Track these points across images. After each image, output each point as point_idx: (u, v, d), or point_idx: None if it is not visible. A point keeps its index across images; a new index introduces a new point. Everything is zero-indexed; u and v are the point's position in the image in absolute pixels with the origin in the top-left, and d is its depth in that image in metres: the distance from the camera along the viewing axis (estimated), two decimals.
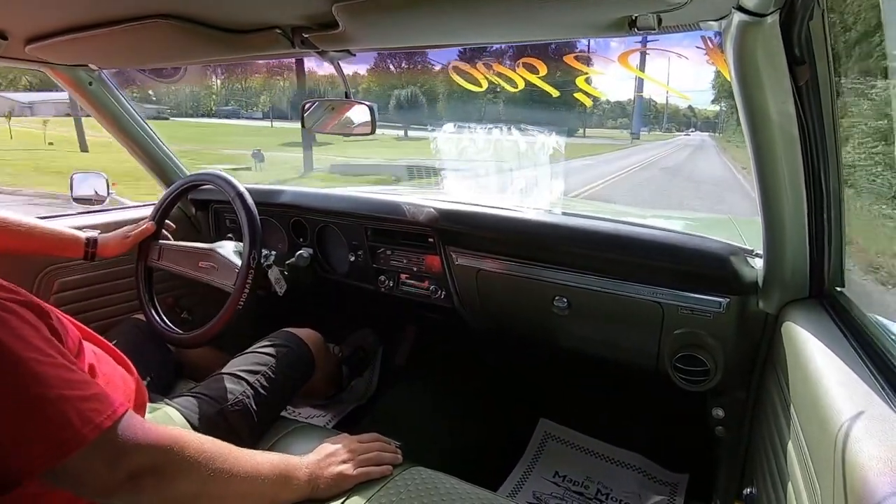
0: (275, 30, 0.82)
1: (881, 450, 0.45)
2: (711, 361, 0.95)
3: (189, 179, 1.28)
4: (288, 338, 1.17)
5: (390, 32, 0.83)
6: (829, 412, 0.53)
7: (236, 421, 0.94)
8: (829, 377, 0.58)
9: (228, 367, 1.06)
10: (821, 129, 0.67)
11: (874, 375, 0.57)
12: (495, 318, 1.31)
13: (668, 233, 1.02)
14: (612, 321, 1.09)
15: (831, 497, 0.48)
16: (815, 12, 0.57)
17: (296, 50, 0.88)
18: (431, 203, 1.26)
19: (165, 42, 0.92)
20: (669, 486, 1.39)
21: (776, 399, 0.77)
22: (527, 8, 0.66)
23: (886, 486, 0.41)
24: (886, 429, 0.47)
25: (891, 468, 0.42)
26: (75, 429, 0.54)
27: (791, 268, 0.78)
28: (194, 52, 1.02)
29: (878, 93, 0.89)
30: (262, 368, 1.05)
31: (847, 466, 0.45)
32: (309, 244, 1.49)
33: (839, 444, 0.48)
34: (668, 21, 0.64)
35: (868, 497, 0.41)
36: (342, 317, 1.92)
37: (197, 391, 0.97)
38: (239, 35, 0.86)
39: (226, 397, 0.96)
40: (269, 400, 1.02)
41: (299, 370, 1.15)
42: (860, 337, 0.66)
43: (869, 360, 0.60)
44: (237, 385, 1.00)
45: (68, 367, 0.58)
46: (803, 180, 0.70)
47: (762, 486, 0.77)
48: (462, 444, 1.45)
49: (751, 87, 0.63)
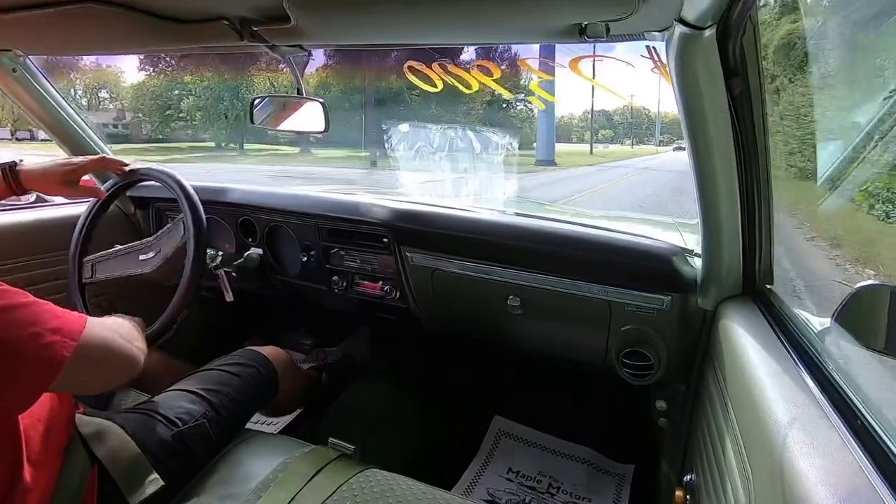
0: (222, 21, 0.79)
1: (803, 434, 0.48)
2: (655, 356, 1.00)
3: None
4: (254, 357, 1.09)
5: (343, 29, 0.82)
6: (759, 402, 0.57)
7: (195, 445, 0.86)
8: (758, 368, 0.63)
9: (187, 383, 0.97)
10: (752, 138, 0.72)
11: (797, 365, 0.62)
12: (450, 318, 1.32)
13: (617, 234, 1.06)
14: (563, 319, 1.13)
15: (762, 480, 0.52)
16: (747, 28, 0.61)
17: (245, 43, 0.85)
18: (386, 203, 1.25)
19: (100, 29, 0.86)
20: (617, 476, 1.45)
21: (713, 390, 0.82)
22: (479, 11, 0.67)
23: (807, 464, 0.44)
24: (806, 414, 0.52)
25: (809, 451, 0.46)
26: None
27: (726, 267, 0.83)
28: (132, 41, 0.97)
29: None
30: (224, 389, 0.97)
31: (775, 451, 0.49)
32: (258, 244, 1.44)
33: (768, 430, 0.52)
34: (616, 30, 0.66)
35: (793, 479, 0.44)
36: (294, 319, 1.88)
37: (148, 408, 0.88)
38: (182, 25, 0.82)
39: (183, 418, 0.87)
40: (229, 423, 0.94)
41: (262, 391, 1.07)
42: (786, 330, 0.71)
43: (793, 351, 0.66)
44: (196, 405, 0.91)
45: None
46: (737, 185, 0.74)
47: (701, 473, 0.82)
48: (418, 444, 1.45)
49: (691, 97, 0.67)
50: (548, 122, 15.75)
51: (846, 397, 0.53)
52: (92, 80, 18.94)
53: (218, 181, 1.49)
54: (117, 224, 1.51)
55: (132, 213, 1.57)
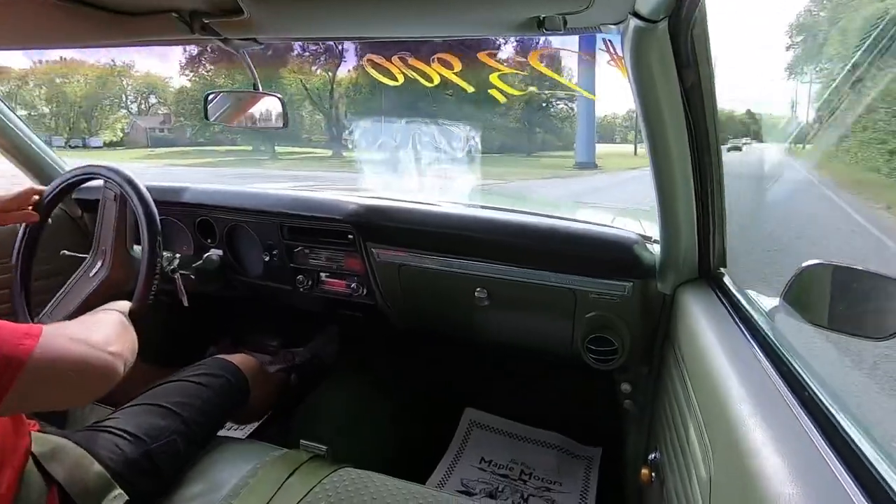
0: (170, 13, 0.75)
1: (757, 408, 0.51)
2: (619, 341, 1.03)
3: (74, 174, 1.14)
4: (223, 366, 1.05)
5: (298, 22, 0.80)
6: (716, 380, 0.60)
7: (163, 462, 0.81)
8: (714, 347, 0.66)
9: (154, 396, 0.91)
10: (704, 128, 0.75)
11: (750, 343, 0.65)
12: (418, 313, 1.32)
13: (580, 223, 1.09)
14: (529, 309, 1.15)
15: (721, 454, 0.54)
16: (697, 21, 0.63)
17: (195, 36, 0.81)
18: (350, 199, 1.23)
19: (38, 21, 0.81)
20: (586, 459, 1.49)
21: (674, 371, 0.85)
22: (437, 4, 0.67)
23: (761, 437, 0.47)
24: (760, 389, 0.55)
25: (762, 424, 0.49)
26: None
27: (683, 253, 0.87)
28: (74, 35, 0.91)
29: None
30: (194, 401, 0.92)
31: (732, 426, 0.51)
32: (218, 245, 1.39)
33: (725, 406, 0.55)
34: (573, 23, 0.67)
35: (749, 451, 0.47)
36: (259, 321, 1.83)
37: (112, 425, 0.82)
38: (128, 17, 0.78)
39: (152, 434, 0.82)
40: (200, 436, 0.90)
41: (233, 401, 1.04)
42: (739, 311, 0.75)
43: (746, 330, 0.69)
44: (165, 420, 0.86)
45: None
46: (692, 173, 0.77)
47: (665, 451, 0.85)
48: (390, 441, 1.45)
49: (645, 88, 0.69)
50: (587, 122, 13.92)
51: (795, 371, 0.56)
52: (143, 84, 18.48)
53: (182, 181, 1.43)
54: (64, 229, 1.44)
55: (79, 217, 1.49)
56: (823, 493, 0.40)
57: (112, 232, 1.07)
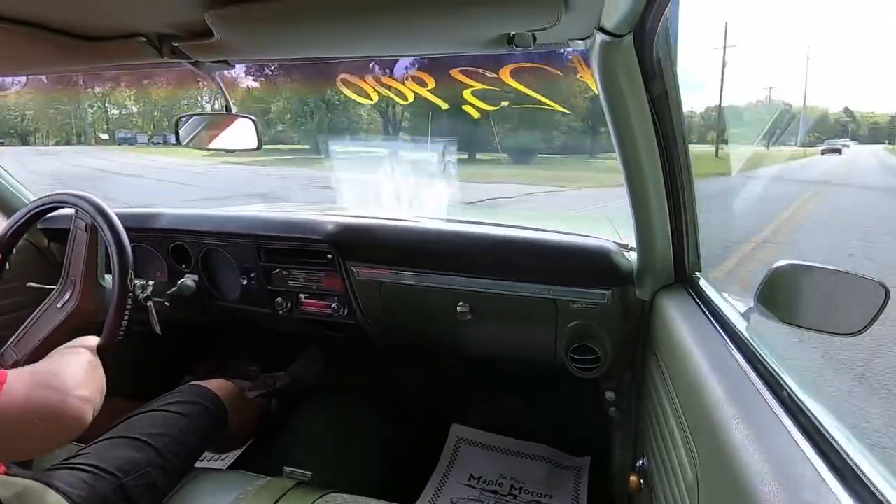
0: (138, 38, 0.75)
1: (738, 409, 0.52)
2: (601, 349, 1.04)
3: (40, 202, 1.09)
4: (199, 393, 1.02)
5: (270, 43, 0.80)
6: (696, 383, 0.61)
7: (139, 497, 0.78)
8: (693, 350, 0.67)
9: (126, 428, 0.87)
10: (673, 137, 0.77)
11: (728, 345, 0.67)
12: (401, 330, 1.31)
13: (557, 235, 1.10)
14: (512, 321, 1.15)
15: (706, 456, 0.55)
16: (661, 35, 0.66)
17: (164, 60, 0.81)
18: (327, 218, 1.22)
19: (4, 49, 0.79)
20: (574, 470, 1.49)
21: (656, 376, 0.86)
22: (409, 23, 0.68)
23: (743, 436, 0.48)
24: (739, 390, 0.56)
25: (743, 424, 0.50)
26: None
27: (659, 259, 0.88)
28: (41, 61, 0.89)
29: None
30: (170, 431, 0.89)
31: (715, 427, 0.52)
32: (193, 271, 1.36)
33: (707, 409, 0.55)
34: (542, 39, 0.69)
35: (733, 451, 0.47)
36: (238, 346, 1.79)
37: (82, 462, 0.78)
38: (94, 42, 0.77)
39: (125, 468, 0.79)
40: (177, 467, 0.87)
41: (211, 429, 0.99)
42: (715, 313, 0.76)
43: (723, 332, 0.70)
44: (139, 453, 0.82)
45: None
46: (663, 181, 0.79)
47: (652, 457, 0.85)
48: (377, 463, 1.42)
49: (615, 100, 0.71)
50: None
51: (772, 370, 0.57)
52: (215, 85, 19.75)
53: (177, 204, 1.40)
54: (30, 261, 1.38)
55: (45, 247, 1.44)
56: (805, 487, 0.40)
57: (82, 262, 1.03)
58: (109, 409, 1.00)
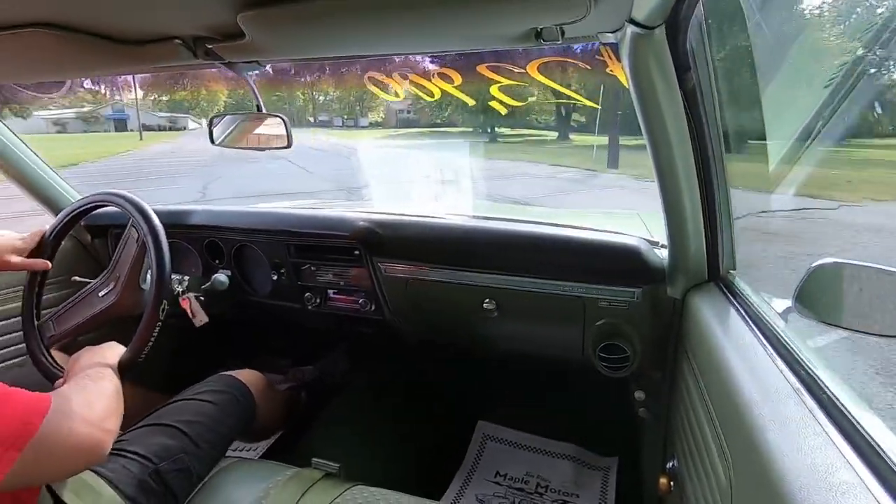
0: (174, 40, 0.77)
1: (773, 411, 0.50)
2: (630, 348, 1.02)
3: (85, 202, 1.14)
4: (229, 383, 1.05)
5: (300, 43, 0.81)
6: (730, 384, 0.59)
7: (174, 482, 0.81)
8: (727, 351, 0.65)
9: (159, 416, 0.91)
10: (706, 131, 0.74)
11: (764, 345, 0.64)
12: (427, 326, 1.31)
13: (586, 231, 1.08)
14: (538, 319, 1.14)
15: (740, 459, 0.53)
16: (694, 25, 0.64)
17: (199, 61, 0.83)
18: (355, 215, 1.24)
19: (47, 54, 0.82)
20: (602, 470, 1.47)
21: (688, 376, 0.84)
22: (437, 20, 0.68)
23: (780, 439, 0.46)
24: (774, 391, 0.54)
25: (780, 426, 0.48)
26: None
27: (692, 256, 0.86)
28: (82, 66, 0.93)
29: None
30: (201, 419, 0.92)
31: (749, 430, 0.50)
32: (226, 266, 1.40)
33: (741, 410, 0.54)
34: (570, 33, 0.68)
35: (768, 454, 0.46)
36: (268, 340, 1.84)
37: (120, 448, 0.81)
38: (133, 46, 0.79)
39: (160, 454, 0.82)
40: (209, 454, 0.90)
41: (241, 417, 1.03)
42: (750, 312, 0.74)
43: (759, 332, 0.68)
44: (174, 440, 0.86)
45: None
46: (696, 177, 0.77)
47: (683, 459, 0.84)
48: (403, 457, 1.43)
49: (646, 93, 0.69)
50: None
51: (811, 372, 0.55)
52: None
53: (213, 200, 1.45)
54: (74, 256, 1.45)
55: (89, 243, 1.50)
56: (846, 493, 0.39)
57: (128, 266, 1.07)
58: (145, 399, 1.04)
